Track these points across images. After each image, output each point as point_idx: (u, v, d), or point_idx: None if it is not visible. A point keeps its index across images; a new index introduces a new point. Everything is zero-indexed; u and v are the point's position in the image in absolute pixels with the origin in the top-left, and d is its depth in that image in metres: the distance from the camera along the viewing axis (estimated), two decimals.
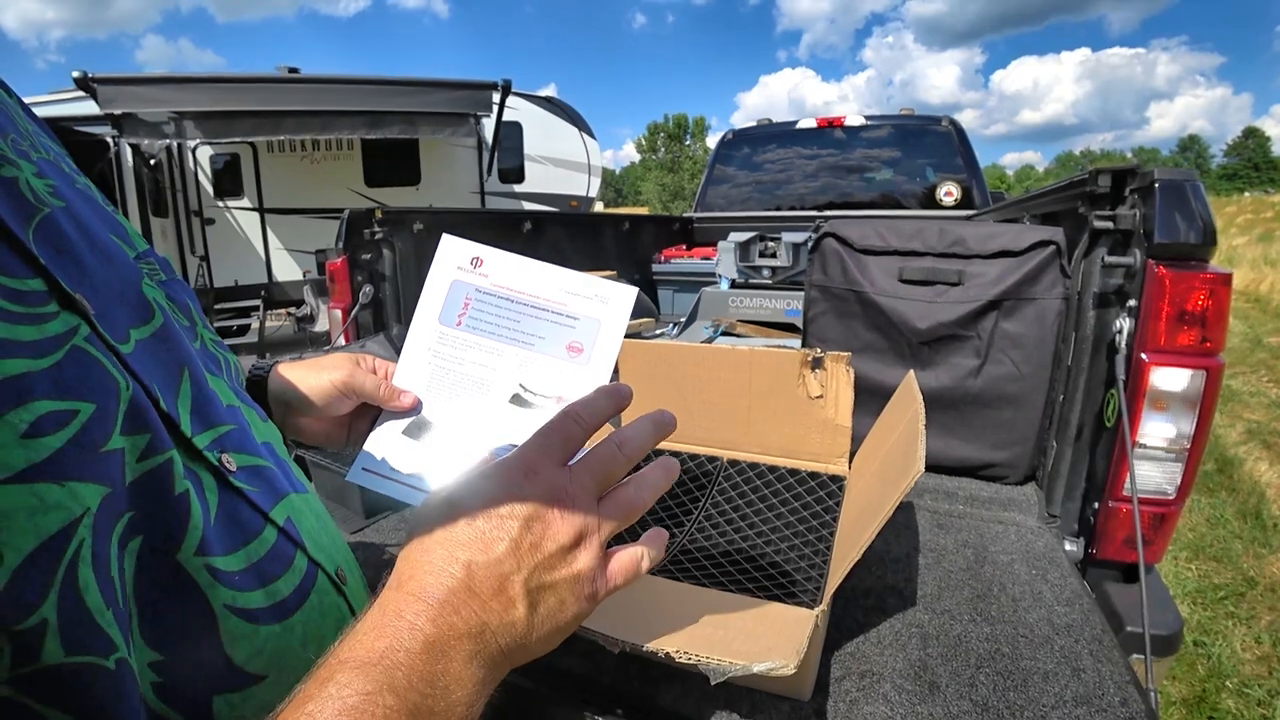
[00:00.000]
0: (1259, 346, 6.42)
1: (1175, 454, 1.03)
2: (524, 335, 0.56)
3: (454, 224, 2.32)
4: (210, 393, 0.43)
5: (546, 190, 7.92)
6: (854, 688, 0.74)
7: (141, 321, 0.40)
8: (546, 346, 0.55)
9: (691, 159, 61.21)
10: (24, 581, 0.27)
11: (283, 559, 0.42)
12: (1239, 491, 3.20)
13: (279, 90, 5.67)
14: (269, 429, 0.50)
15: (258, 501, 0.42)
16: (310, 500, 0.50)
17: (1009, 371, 1.30)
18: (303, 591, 0.43)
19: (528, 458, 0.41)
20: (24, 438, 0.28)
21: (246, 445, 0.44)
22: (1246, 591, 2.38)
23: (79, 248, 0.37)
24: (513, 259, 0.58)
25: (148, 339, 0.40)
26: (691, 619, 0.66)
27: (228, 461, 0.41)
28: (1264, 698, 1.83)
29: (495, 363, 0.56)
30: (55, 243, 0.36)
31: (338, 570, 0.47)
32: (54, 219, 0.37)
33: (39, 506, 0.28)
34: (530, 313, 0.56)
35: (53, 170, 0.40)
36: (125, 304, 0.39)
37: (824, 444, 1.05)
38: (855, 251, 1.41)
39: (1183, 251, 1.00)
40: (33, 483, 0.28)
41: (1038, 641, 0.82)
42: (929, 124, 3.91)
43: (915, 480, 0.61)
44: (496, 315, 0.57)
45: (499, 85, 6.11)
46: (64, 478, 0.30)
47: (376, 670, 0.32)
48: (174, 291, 0.47)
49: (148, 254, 0.46)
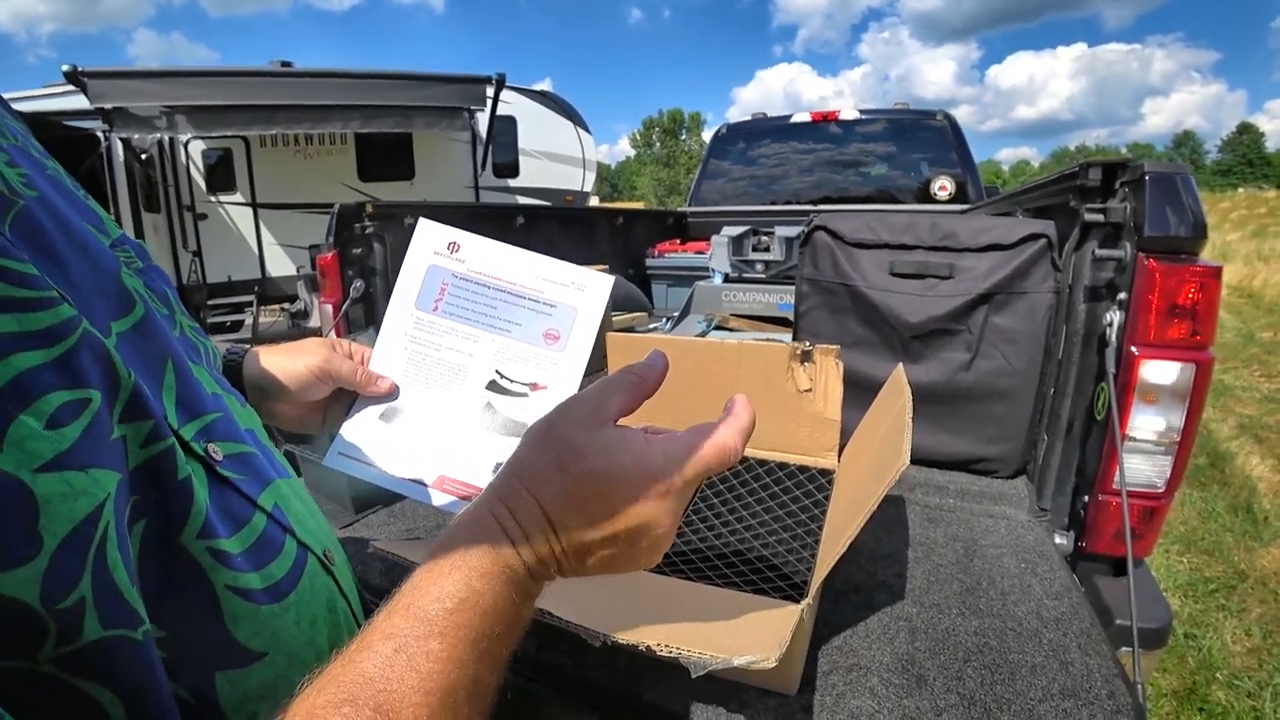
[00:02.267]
0: (1251, 341, 6.45)
1: (1165, 447, 1.03)
2: (501, 322, 0.56)
3: (446, 218, 2.30)
4: (194, 381, 0.43)
5: (541, 185, 7.89)
6: (841, 681, 0.74)
7: (123, 313, 0.40)
8: (523, 333, 0.55)
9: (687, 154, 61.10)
10: (63, 562, 0.29)
11: (273, 545, 0.43)
12: (1230, 485, 3.21)
13: (272, 84, 5.63)
14: (250, 415, 0.50)
15: (245, 489, 0.42)
16: (295, 485, 0.50)
17: (1000, 365, 1.30)
18: (295, 574, 0.43)
19: (680, 487, 0.42)
20: (48, 428, 0.30)
21: (231, 433, 0.44)
22: (1237, 584, 2.40)
23: (56, 241, 0.37)
24: (490, 244, 0.57)
25: (128, 331, 0.39)
26: (677, 613, 0.66)
27: (214, 451, 0.41)
28: (1254, 689, 1.84)
29: (472, 349, 0.56)
30: (33, 238, 0.35)
31: (325, 552, 0.48)
32: (29, 212, 0.36)
33: (69, 493, 0.29)
34: (507, 299, 0.56)
35: (23, 157, 0.40)
36: (105, 296, 0.39)
37: (813, 438, 1.05)
38: (846, 245, 1.41)
39: (1173, 245, 1.00)
40: (63, 470, 0.30)
41: (1026, 635, 0.82)
42: (924, 119, 3.91)
43: (900, 473, 0.61)
44: (473, 301, 0.56)
45: (493, 79, 6.09)
46: (86, 465, 0.31)
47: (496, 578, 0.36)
48: (151, 279, 0.46)
49: (122, 240, 0.46)
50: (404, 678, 0.32)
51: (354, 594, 0.51)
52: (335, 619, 0.46)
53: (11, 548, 0.27)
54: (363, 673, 0.32)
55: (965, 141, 3.74)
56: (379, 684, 0.31)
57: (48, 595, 0.28)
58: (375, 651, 0.32)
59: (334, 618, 0.46)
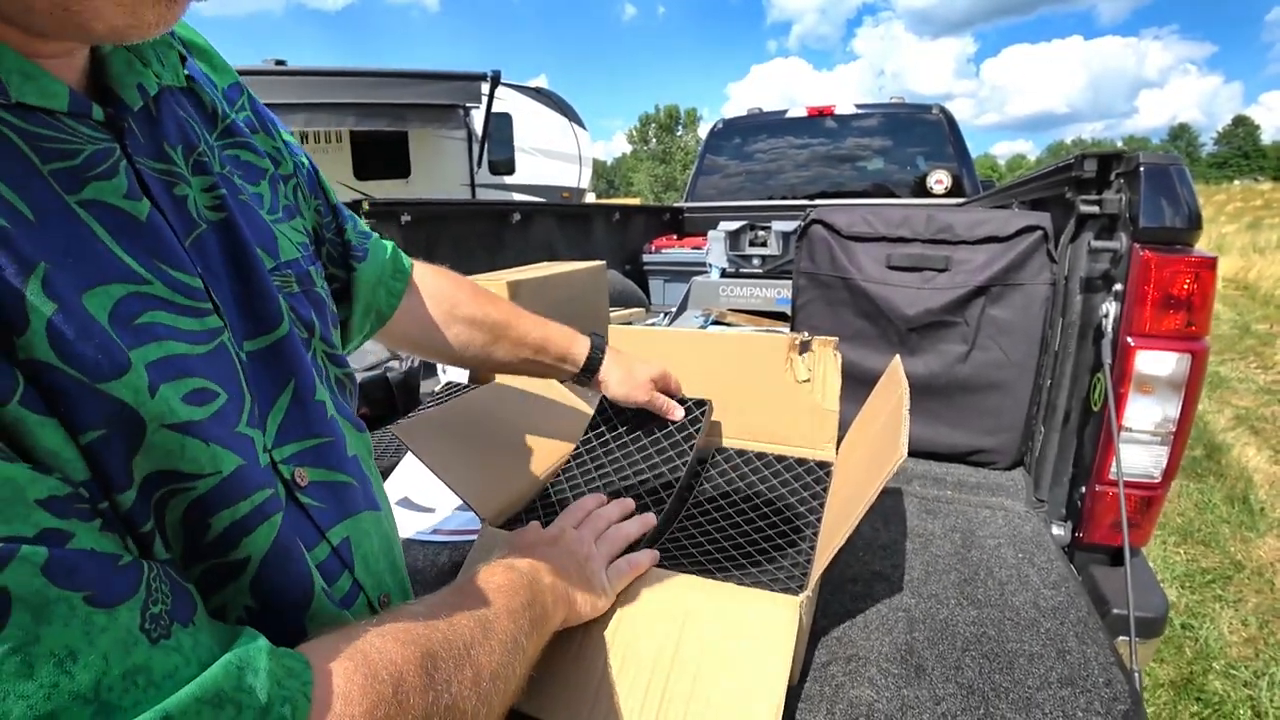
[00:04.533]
0: (1247, 333, 6.47)
1: (1161, 437, 1.04)
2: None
3: (443, 215, 2.30)
4: (316, 404, 0.48)
5: (537, 182, 7.87)
6: (840, 672, 0.74)
7: (260, 334, 0.46)
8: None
9: (683, 149, 61.01)
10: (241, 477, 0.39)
11: (329, 576, 0.46)
12: (1227, 477, 3.23)
13: (265, 82, 5.59)
14: (361, 441, 0.55)
15: (319, 519, 0.46)
16: (381, 520, 0.54)
17: (996, 357, 1.31)
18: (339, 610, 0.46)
19: (574, 532, 0.71)
20: (184, 400, 0.36)
21: (332, 460, 0.49)
22: (1234, 575, 2.41)
23: (223, 263, 0.45)
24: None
25: (261, 350, 0.45)
26: (678, 607, 0.66)
27: (300, 476, 0.45)
28: (1250, 679, 1.85)
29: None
30: (204, 257, 0.43)
31: (381, 596, 0.51)
32: (206, 237, 0.44)
33: (180, 454, 0.36)
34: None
35: (224, 183, 0.47)
36: (248, 317, 0.45)
37: (811, 429, 1.05)
38: (843, 238, 1.41)
39: (1168, 236, 1.00)
40: (185, 435, 0.36)
41: (1024, 624, 0.82)
42: (920, 113, 3.91)
43: (898, 465, 0.61)
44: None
45: (489, 77, 6.06)
46: (210, 439, 0.37)
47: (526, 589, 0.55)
48: (299, 304, 0.51)
49: (287, 265, 0.51)
50: (456, 604, 0.46)
51: None
52: None
53: (114, 479, 0.33)
54: (415, 610, 0.44)
55: (961, 135, 3.74)
56: (435, 608, 0.45)
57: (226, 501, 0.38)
58: (423, 601, 0.47)
59: None
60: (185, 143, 0.45)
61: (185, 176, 0.43)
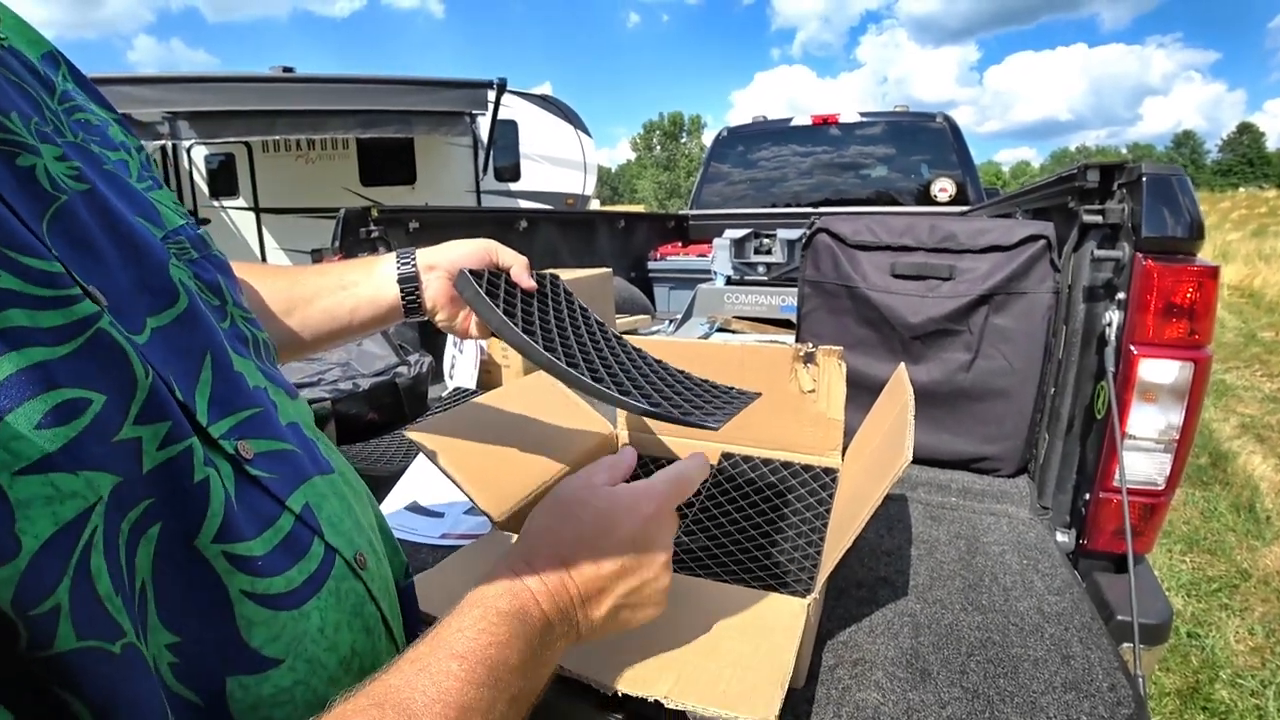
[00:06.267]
0: (1253, 341, 6.45)
1: (1164, 445, 1.05)
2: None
3: (450, 223, 2.32)
4: (235, 376, 0.43)
5: (542, 189, 7.90)
6: (846, 675, 0.75)
7: (163, 307, 0.40)
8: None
9: (687, 157, 61.18)
10: (41, 567, 0.27)
11: (300, 546, 0.42)
12: (1233, 485, 3.22)
13: (273, 90, 5.64)
14: (297, 407, 0.50)
15: (275, 489, 0.42)
16: (335, 481, 0.49)
17: (1000, 365, 1.31)
18: (319, 578, 0.43)
19: (662, 502, 0.52)
20: (38, 428, 0.29)
21: (269, 429, 0.44)
22: (1240, 584, 2.40)
23: (97, 237, 0.38)
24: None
25: (168, 325, 0.40)
26: (688, 610, 0.67)
27: (244, 449, 0.41)
28: (1257, 688, 1.85)
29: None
30: (71, 233, 0.36)
31: (356, 555, 0.47)
32: (71, 207, 0.37)
33: (55, 495, 0.28)
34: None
35: (78, 153, 0.41)
36: (145, 291, 0.39)
37: (817, 437, 1.06)
38: (847, 247, 1.42)
39: (1170, 245, 1.01)
40: (49, 472, 0.28)
41: (1028, 629, 0.83)
42: (923, 121, 3.92)
43: (903, 470, 0.62)
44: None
45: (494, 84, 6.10)
46: (79, 467, 0.30)
47: (512, 620, 0.43)
48: (202, 270, 0.46)
49: (178, 231, 0.46)
50: (425, 689, 0.36)
51: (388, 598, 0.50)
52: (364, 623, 0.45)
53: None
54: (388, 684, 0.37)
55: (965, 143, 3.76)
56: (402, 691, 0.36)
57: (20, 600, 0.26)
58: (400, 670, 0.38)
59: (362, 622, 0.45)
60: (20, 108, 0.38)
61: (28, 144, 0.36)
